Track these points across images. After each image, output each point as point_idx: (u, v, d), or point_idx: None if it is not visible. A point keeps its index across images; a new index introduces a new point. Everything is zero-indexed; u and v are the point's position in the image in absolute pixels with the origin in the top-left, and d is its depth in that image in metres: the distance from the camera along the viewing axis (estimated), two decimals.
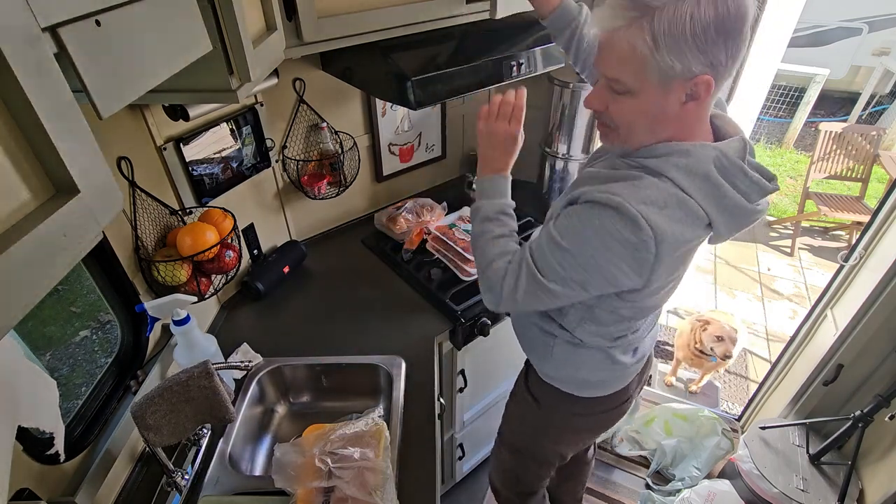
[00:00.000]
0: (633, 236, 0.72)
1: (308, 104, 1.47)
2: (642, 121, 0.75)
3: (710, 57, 0.65)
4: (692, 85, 0.68)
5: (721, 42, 0.64)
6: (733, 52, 0.66)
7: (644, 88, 0.70)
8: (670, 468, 2.01)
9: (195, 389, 0.89)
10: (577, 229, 0.77)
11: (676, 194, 0.74)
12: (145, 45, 0.51)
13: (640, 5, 0.65)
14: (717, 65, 0.66)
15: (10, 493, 0.72)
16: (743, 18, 0.64)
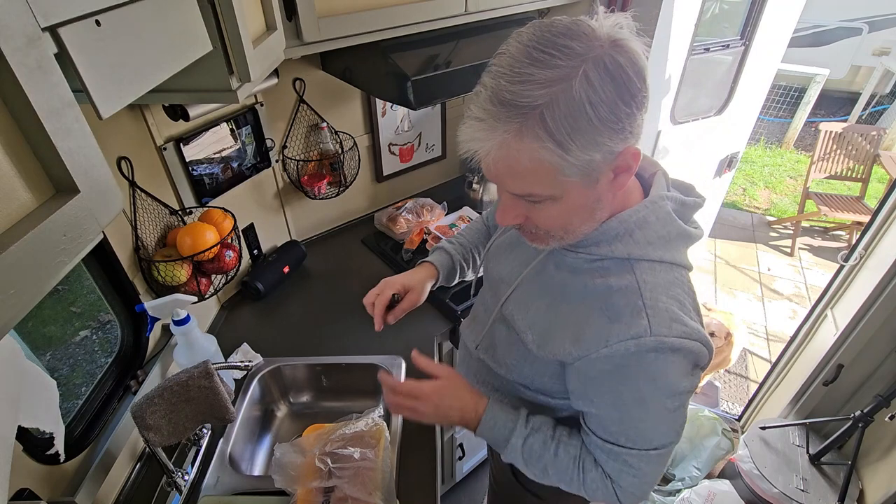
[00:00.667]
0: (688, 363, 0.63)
1: (308, 104, 1.47)
2: (577, 217, 0.62)
3: (627, 129, 0.54)
4: (619, 161, 0.57)
5: (634, 109, 0.53)
6: (645, 107, 0.55)
7: (566, 190, 0.58)
8: (670, 468, 2.01)
9: (195, 389, 0.89)
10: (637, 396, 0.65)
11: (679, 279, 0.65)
12: (145, 46, 0.51)
13: (519, 107, 0.51)
14: (637, 131, 0.56)
15: (10, 493, 0.72)
16: (643, 71, 0.53)
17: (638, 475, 0.70)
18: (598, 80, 0.50)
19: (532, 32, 0.53)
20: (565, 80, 0.50)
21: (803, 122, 4.85)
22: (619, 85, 0.51)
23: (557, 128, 0.51)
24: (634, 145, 0.57)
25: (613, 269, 0.65)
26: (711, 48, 1.96)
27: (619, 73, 0.51)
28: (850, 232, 3.53)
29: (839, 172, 3.55)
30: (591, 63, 0.50)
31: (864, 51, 5.20)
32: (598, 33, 0.52)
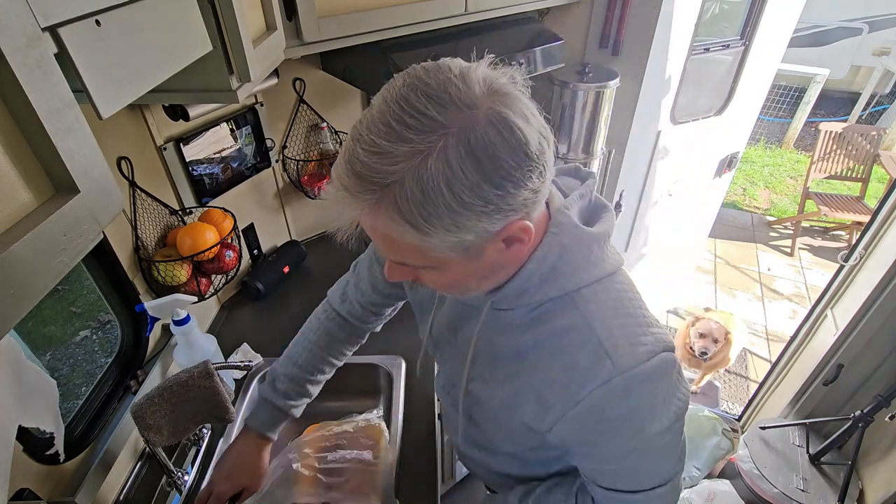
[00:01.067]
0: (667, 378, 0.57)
1: (308, 104, 1.47)
2: (471, 281, 0.56)
3: (505, 209, 0.46)
4: (505, 234, 0.49)
5: (509, 189, 0.45)
6: (537, 179, 0.46)
7: (443, 262, 0.51)
8: None
9: (195, 389, 0.89)
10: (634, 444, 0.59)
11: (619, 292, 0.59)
12: (145, 45, 0.51)
13: (371, 183, 0.44)
14: (519, 204, 0.47)
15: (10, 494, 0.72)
16: (521, 146, 0.44)
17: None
18: (458, 160, 0.42)
19: (400, 86, 0.45)
20: (420, 158, 0.43)
21: (803, 122, 4.85)
22: (485, 166, 0.43)
23: (410, 210, 0.44)
24: (525, 218, 0.49)
25: (555, 308, 0.58)
26: (711, 48, 1.96)
27: (485, 152, 0.43)
28: (850, 232, 3.53)
29: (839, 172, 3.55)
30: (454, 139, 0.42)
31: (864, 51, 5.20)
32: (471, 98, 0.43)
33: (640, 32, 1.69)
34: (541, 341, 0.59)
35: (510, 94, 0.46)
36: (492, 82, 0.45)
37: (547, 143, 0.47)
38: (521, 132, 0.44)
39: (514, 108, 0.45)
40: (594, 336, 0.55)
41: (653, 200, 2.27)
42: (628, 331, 0.56)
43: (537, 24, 1.59)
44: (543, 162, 0.47)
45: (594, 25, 1.76)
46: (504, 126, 0.43)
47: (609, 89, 1.69)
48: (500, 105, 0.44)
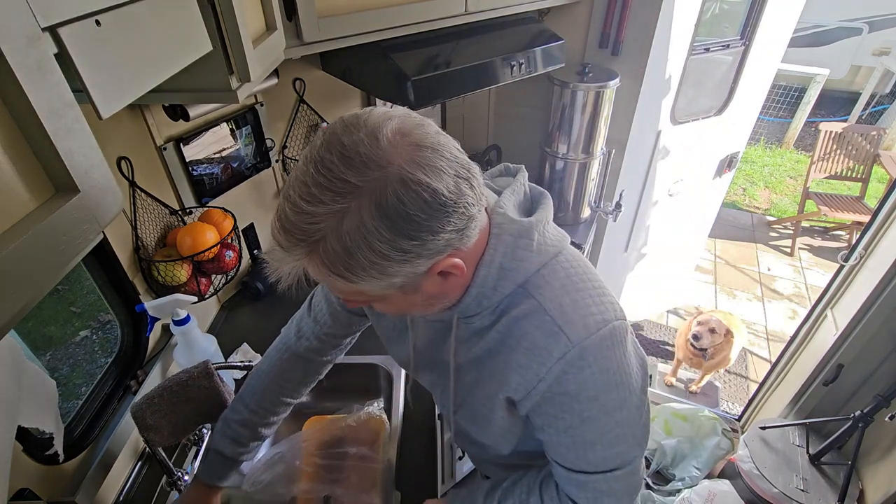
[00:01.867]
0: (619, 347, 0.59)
1: (308, 104, 1.47)
2: (417, 307, 0.60)
3: (424, 254, 0.48)
4: (437, 269, 0.52)
5: (426, 238, 0.47)
6: (457, 222, 0.49)
7: (384, 298, 0.55)
8: (670, 468, 2.01)
9: (195, 389, 0.89)
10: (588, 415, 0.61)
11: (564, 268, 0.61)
12: (145, 46, 0.51)
13: (297, 239, 0.47)
14: (443, 246, 0.49)
15: (10, 494, 0.72)
16: (433, 198, 0.46)
17: (613, 496, 0.67)
18: (371, 220, 0.45)
19: (319, 147, 0.47)
20: (335, 217, 0.45)
21: (803, 122, 4.85)
22: (397, 223, 0.45)
23: (335, 264, 0.47)
24: (454, 254, 0.52)
25: (513, 302, 0.61)
26: (711, 48, 1.96)
27: (396, 212, 0.45)
28: (850, 232, 3.53)
29: (839, 172, 3.55)
30: (366, 200, 0.45)
31: (864, 51, 5.20)
32: (380, 156, 0.45)
33: (640, 32, 1.69)
34: (505, 333, 0.62)
35: (421, 145, 0.47)
36: (404, 135, 0.47)
37: (468, 181, 0.49)
38: (429, 186, 0.46)
39: (424, 161, 0.46)
40: (547, 316, 0.58)
41: (653, 200, 2.27)
42: (578, 304, 0.59)
43: (537, 24, 1.59)
44: (464, 202, 0.49)
45: (594, 25, 1.76)
46: (413, 183, 0.45)
47: (609, 89, 1.69)
48: (408, 161, 0.46)
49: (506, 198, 0.61)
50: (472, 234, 0.52)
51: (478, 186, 0.51)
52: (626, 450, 0.65)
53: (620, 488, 0.67)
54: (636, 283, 2.60)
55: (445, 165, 0.48)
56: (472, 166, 0.51)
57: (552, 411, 0.62)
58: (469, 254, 0.56)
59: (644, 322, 2.91)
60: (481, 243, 0.58)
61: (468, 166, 0.50)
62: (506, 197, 0.61)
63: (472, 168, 0.51)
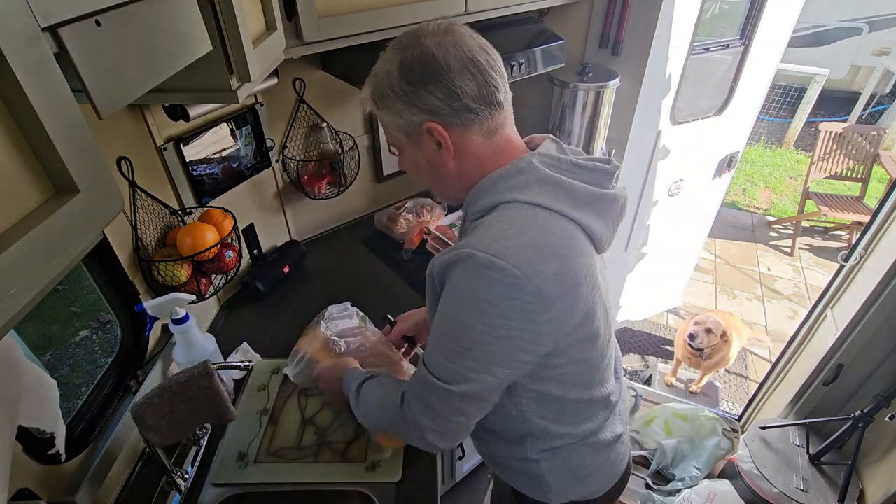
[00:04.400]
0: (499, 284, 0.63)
1: (308, 104, 1.47)
2: (423, 172, 0.78)
3: (417, 105, 0.69)
4: (428, 129, 0.70)
5: (422, 90, 0.67)
6: (445, 96, 0.67)
7: (401, 144, 0.76)
8: (670, 468, 2.01)
9: (195, 389, 0.89)
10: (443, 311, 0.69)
11: (525, 214, 0.67)
12: (145, 45, 0.51)
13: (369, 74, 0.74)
14: (435, 110, 0.68)
15: (10, 493, 0.72)
16: (434, 66, 0.66)
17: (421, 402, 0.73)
18: (396, 67, 0.68)
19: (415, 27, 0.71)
20: (386, 60, 0.70)
21: (803, 122, 4.85)
22: (405, 72, 0.68)
23: (373, 90, 0.73)
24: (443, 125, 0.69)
25: (485, 216, 0.72)
26: (711, 48, 1.96)
27: (407, 65, 0.68)
28: (850, 232, 3.53)
29: (839, 172, 3.55)
30: (402, 53, 0.68)
31: (864, 51, 5.20)
32: (420, 37, 0.68)
33: (640, 32, 1.69)
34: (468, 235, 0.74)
35: (451, 41, 0.68)
36: (449, 31, 0.69)
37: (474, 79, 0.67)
38: (434, 59, 0.66)
39: (442, 47, 0.67)
40: (481, 228, 0.69)
41: (653, 200, 2.27)
42: (501, 233, 0.66)
43: (537, 24, 1.59)
44: (460, 86, 0.67)
45: (594, 25, 1.76)
46: (426, 54, 0.67)
47: (609, 89, 1.69)
48: (434, 44, 0.67)
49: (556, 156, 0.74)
50: (468, 121, 0.69)
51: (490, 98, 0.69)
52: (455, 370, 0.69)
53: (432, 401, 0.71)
54: (636, 283, 2.60)
55: (459, 56, 0.67)
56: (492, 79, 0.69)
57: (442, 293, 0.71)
58: (477, 154, 0.72)
59: (644, 322, 2.92)
60: (500, 163, 0.73)
61: (487, 77, 0.68)
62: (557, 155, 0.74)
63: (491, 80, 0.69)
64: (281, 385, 1.18)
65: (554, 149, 0.76)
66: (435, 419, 0.72)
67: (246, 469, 1.00)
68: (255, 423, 1.09)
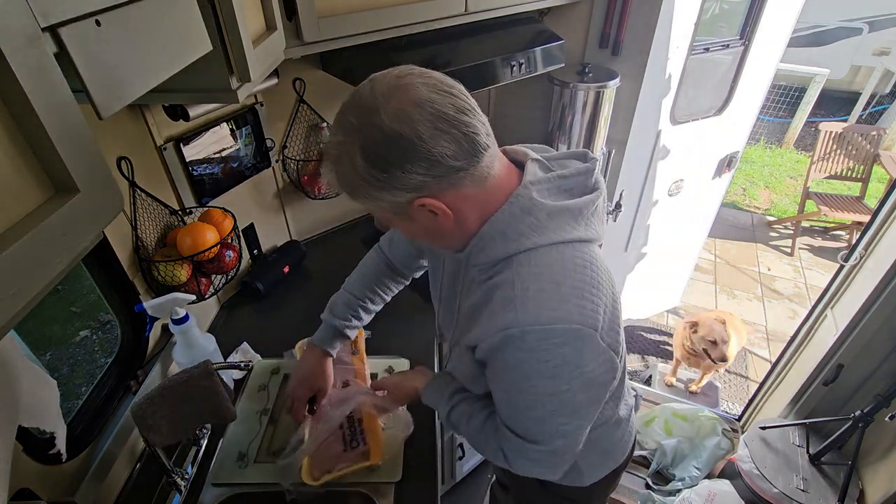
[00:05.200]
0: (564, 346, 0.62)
1: (308, 104, 1.47)
2: (423, 237, 0.72)
3: (399, 187, 0.60)
4: (421, 207, 0.63)
5: (398, 171, 0.58)
6: (426, 169, 0.58)
7: (391, 221, 0.70)
8: (670, 468, 2.01)
9: (195, 389, 0.89)
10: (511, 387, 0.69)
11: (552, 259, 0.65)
12: (145, 46, 0.51)
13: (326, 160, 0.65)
14: (420, 186, 0.60)
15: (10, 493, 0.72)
16: (403, 142, 0.57)
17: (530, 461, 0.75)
18: (359, 156, 0.59)
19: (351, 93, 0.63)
20: (342, 147, 0.61)
21: (803, 122, 4.85)
22: (372, 160, 0.59)
23: (340, 180, 0.64)
24: (435, 196, 0.62)
25: (500, 269, 0.68)
26: (711, 48, 1.96)
27: (371, 152, 0.59)
28: (850, 232, 3.53)
29: (839, 172, 3.55)
30: (359, 137, 0.59)
31: (864, 51, 5.20)
32: (372, 104, 0.58)
33: (640, 32, 1.69)
34: (483, 293, 0.70)
35: (409, 100, 0.58)
36: (397, 90, 0.58)
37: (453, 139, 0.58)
38: (402, 139, 0.57)
39: (404, 115, 0.57)
40: (513, 292, 0.64)
41: (653, 200, 2.27)
42: (542, 294, 0.63)
43: (537, 24, 1.59)
44: (439, 154, 0.58)
45: (594, 25, 1.76)
46: (388, 135, 0.57)
47: (609, 89, 1.69)
48: (392, 117, 0.57)
49: (550, 177, 0.68)
50: (458, 181, 0.62)
51: (472, 148, 0.60)
52: (549, 431, 0.71)
53: (537, 458, 0.74)
54: (636, 283, 2.60)
55: (424, 119, 0.57)
56: (468, 127, 0.59)
57: (494, 369, 0.70)
58: (475, 204, 0.66)
59: (644, 322, 2.92)
60: (497, 202, 0.66)
61: (463, 128, 0.59)
62: (551, 176, 0.68)
63: (467, 128, 0.59)
64: (281, 385, 1.18)
65: (539, 170, 0.69)
66: (544, 467, 0.76)
67: (246, 469, 1.00)
68: (255, 423, 1.09)
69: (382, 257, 1.09)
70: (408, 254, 1.06)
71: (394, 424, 1.07)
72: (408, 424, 1.05)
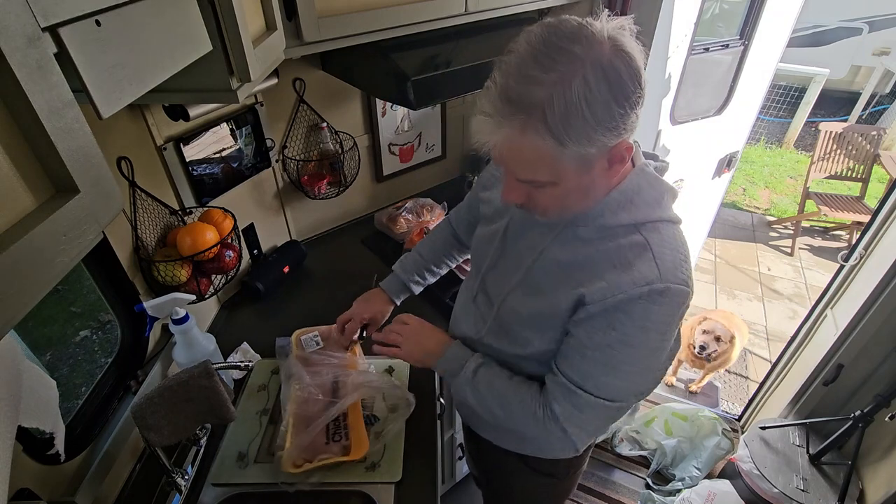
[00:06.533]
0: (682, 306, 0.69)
1: (308, 104, 1.47)
2: (573, 198, 0.69)
3: (621, 127, 0.59)
4: (613, 153, 0.63)
5: (627, 109, 0.58)
6: (640, 105, 0.60)
7: (563, 176, 0.64)
8: (670, 468, 2.01)
9: (195, 389, 0.89)
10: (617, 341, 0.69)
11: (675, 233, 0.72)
12: (145, 45, 0.51)
13: (523, 106, 0.56)
14: (631, 127, 0.61)
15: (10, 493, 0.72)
16: (637, 75, 0.57)
17: (588, 415, 0.75)
18: (595, 83, 0.55)
19: (540, 33, 0.58)
20: (565, 82, 0.55)
21: (803, 122, 4.85)
22: (614, 87, 0.56)
23: (556, 125, 0.56)
24: (629, 139, 0.62)
25: (622, 233, 0.70)
26: (711, 48, 1.96)
27: (614, 77, 0.56)
28: (850, 232, 3.53)
29: (839, 172, 3.55)
30: (590, 66, 0.55)
31: (864, 51, 5.20)
32: (598, 37, 0.56)
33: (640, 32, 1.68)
34: (602, 252, 0.71)
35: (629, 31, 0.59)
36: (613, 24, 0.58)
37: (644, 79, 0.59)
38: (636, 63, 0.57)
39: (631, 45, 0.57)
40: (650, 252, 0.68)
41: None
42: (675, 260, 0.68)
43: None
44: (644, 93, 0.59)
45: None
46: (628, 58, 0.57)
47: None
48: (621, 42, 0.57)
49: (649, 161, 0.74)
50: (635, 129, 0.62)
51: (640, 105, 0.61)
52: (629, 388, 0.74)
53: (597, 415, 0.75)
54: None
55: (638, 55, 0.58)
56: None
57: (604, 324, 0.69)
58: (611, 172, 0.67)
59: None
60: (621, 172, 0.69)
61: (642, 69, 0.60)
62: (650, 163, 0.74)
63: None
64: (281, 385, 1.18)
65: (640, 154, 0.75)
66: (592, 430, 0.78)
67: (246, 469, 1.00)
68: (255, 423, 1.09)
69: (450, 228, 1.17)
70: (468, 223, 1.11)
71: (395, 401, 1.08)
72: (409, 403, 1.06)
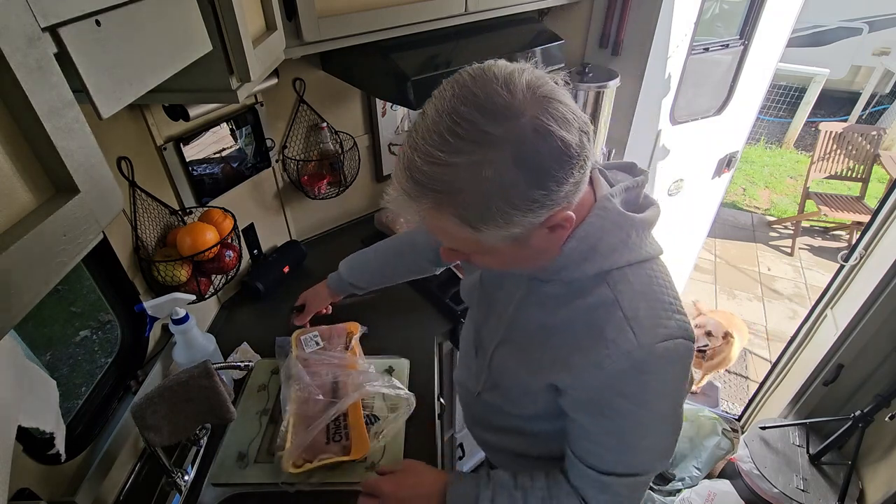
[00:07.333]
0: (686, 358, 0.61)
1: (308, 104, 1.47)
2: (518, 263, 0.63)
3: (549, 204, 0.51)
4: (549, 224, 0.54)
5: (553, 187, 0.50)
6: (577, 173, 0.51)
7: (497, 249, 0.57)
8: (670, 468, 2.01)
9: (195, 389, 0.89)
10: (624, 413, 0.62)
11: (647, 274, 0.63)
12: (145, 45, 0.51)
13: (431, 187, 0.49)
14: (562, 198, 0.52)
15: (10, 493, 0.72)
16: (563, 149, 0.49)
17: (628, 499, 0.68)
18: (507, 171, 0.47)
19: (450, 98, 0.49)
20: (474, 169, 0.48)
21: (803, 121, 4.86)
22: (531, 172, 0.48)
23: (467, 213, 0.50)
24: (567, 207, 0.54)
25: (589, 286, 0.63)
26: (711, 48, 1.96)
27: (533, 162, 0.48)
28: (850, 232, 3.53)
29: (839, 172, 3.55)
30: (506, 151, 0.47)
31: (864, 51, 5.20)
32: (516, 109, 0.48)
33: (640, 32, 1.69)
34: (573, 314, 0.64)
35: (551, 98, 0.50)
36: (534, 88, 0.50)
37: (587, 136, 0.52)
38: (561, 138, 0.48)
39: (556, 114, 0.49)
40: (620, 313, 0.60)
41: None
42: (652, 312, 0.60)
43: (537, 24, 1.59)
44: (584, 155, 0.51)
45: (594, 25, 1.76)
46: (547, 135, 0.48)
47: (609, 89, 1.69)
48: (542, 112, 0.48)
49: (618, 189, 0.64)
50: (581, 192, 0.55)
51: (591, 146, 0.53)
52: (656, 457, 0.66)
53: (633, 493, 0.68)
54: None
55: (572, 118, 0.50)
56: (589, 123, 0.53)
57: (597, 411, 0.63)
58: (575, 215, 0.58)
59: None
60: (579, 217, 0.59)
61: (587, 122, 0.53)
62: (618, 189, 0.64)
63: (590, 125, 0.53)
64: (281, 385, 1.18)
65: (602, 182, 0.64)
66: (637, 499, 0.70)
67: (246, 469, 1.00)
68: (255, 423, 1.09)
69: (411, 243, 1.13)
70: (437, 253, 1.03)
71: (395, 401, 1.08)
72: (409, 404, 1.05)
